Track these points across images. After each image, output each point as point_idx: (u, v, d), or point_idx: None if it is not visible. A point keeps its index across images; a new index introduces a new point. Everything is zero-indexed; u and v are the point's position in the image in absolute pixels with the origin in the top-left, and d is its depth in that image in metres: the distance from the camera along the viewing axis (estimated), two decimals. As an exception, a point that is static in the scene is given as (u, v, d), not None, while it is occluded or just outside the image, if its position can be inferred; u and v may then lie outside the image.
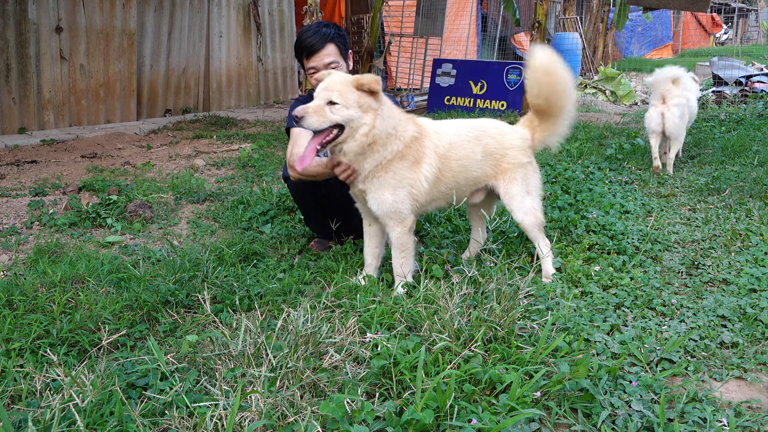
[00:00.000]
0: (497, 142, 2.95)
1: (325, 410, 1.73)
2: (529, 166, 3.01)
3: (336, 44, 3.12)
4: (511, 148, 2.97)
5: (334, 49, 3.11)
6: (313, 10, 7.53)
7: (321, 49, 3.08)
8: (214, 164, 5.95)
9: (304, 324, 2.12)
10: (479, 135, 2.92)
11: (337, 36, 3.13)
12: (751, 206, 4.06)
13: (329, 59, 3.09)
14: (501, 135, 2.98)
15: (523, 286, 2.50)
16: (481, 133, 2.94)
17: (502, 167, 2.96)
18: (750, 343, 2.38)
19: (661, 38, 23.61)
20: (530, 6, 16.01)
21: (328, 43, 3.09)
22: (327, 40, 3.08)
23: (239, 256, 3.26)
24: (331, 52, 3.10)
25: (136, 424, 1.71)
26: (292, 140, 3.12)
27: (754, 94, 9.58)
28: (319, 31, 3.09)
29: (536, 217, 3.00)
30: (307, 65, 3.14)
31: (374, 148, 2.62)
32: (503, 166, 2.96)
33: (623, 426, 1.84)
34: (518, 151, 2.98)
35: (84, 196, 4.52)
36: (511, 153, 2.96)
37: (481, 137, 2.92)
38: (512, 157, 2.96)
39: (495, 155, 2.94)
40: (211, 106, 10.33)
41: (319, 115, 2.52)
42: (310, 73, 3.13)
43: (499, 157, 2.95)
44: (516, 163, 2.97)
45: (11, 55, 7.66)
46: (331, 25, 3.16)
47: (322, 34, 3.08)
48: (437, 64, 9.94)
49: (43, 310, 2.54)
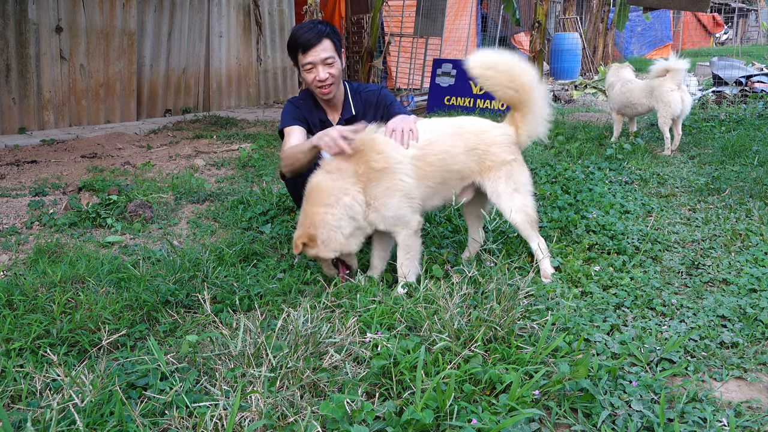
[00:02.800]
0: (478, 138, 2.94)
1: (325, 410, 1.73)
2: (514, 163, 2.98)
3: (331, 40, 3.12)
4: (493, 144, 2.95)
5: (330, 44, 3.11)
6: (313, 10, 7.53)
7: (317, 44, 3.08)
8: (214, 164, 5.95)
9: (304, 324, 2.12)
10: (458, 131, 2.93)
11: (332, 32, 3.14)
12: (751, 206, 4.06)
13: (326, 54, 3.09)
14: (481, 132, 2.97)
15: (523, 286, 2.50)
16: (460, 129, 2.95)
17: (486, 165, 2.95)
18: (750, 343, 2.38)
19: (661, 38, 23.60)
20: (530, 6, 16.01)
21: (324, 38, 3.09)
22: (323, 35, 3.09)
23: (239, 256, 3.26)
24: (328, 47, 3.10)
25: (136, 424, 1.71)
26: (286, 138, 3.16)
27: (754, 94, 9.57)
28: (315, 27, 3.10)
29: (527, 215, 2.98)
30: (303, 61, 3.12)
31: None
32: (487, 164, 2.95)
33: (623, 426, 1.84)
34: (501, 148, 2.96)
35: (84, 196, 4.52)
36: (494, 150, 2.95)
37: (461, 133, 2.92)
38: (495, 155, 2.95)
39: (477, 151, 2.93)
40: (211, 106, 10.33)
41: (327, 269, 2.88)
42: (307, 69, 3.12)
43: (482, 154, 2.94)
44: (500, 160, 2.95)
45: (11, 55, 7.66)
46: (325, 23, 3.18)
47: (317, 30, 3.09)
48: (437, 64, 9.94)
49: (43, 310, 2.54)
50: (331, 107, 3.31)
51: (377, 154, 2.72)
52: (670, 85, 6.00)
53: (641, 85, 6.38)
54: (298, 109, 3.27)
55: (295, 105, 3.29)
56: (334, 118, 3.32)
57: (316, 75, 3.11)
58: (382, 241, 2.97)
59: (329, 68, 3.12)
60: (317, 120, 3.28)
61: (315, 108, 3.30)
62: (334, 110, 3.32)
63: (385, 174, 2.72)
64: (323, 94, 3.19)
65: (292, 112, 3.25)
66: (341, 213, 2.67)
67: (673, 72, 5.99)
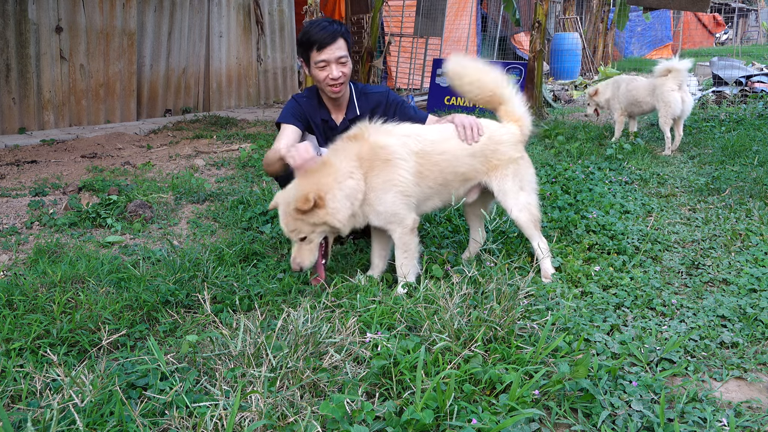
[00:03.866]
0: (487, 138, 2.95)
1: (325, 410, 1.73)
2: (520, 161, 3.01)
3: (345, 40, 3.15)
4: (500, 143, 2.97)
5: (344, 43, 3.13)
6: (313, 10, 7.53)
7: (332, 42, 3.09)
8: (214, 164, 5.95)
9: (304, 324, 2.12)
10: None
11: (346, 32, 3.18)
12: (751, 206, 4.06)
13: (341, 53, 3.10)
14: (489, 131, 2.98)
15: (523, 286, 2.50)
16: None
17: (492, 164, 2.96)
18: (750, 343, 2.38)
19: (661, 38, 23.61)
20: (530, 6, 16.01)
21: (339, 37, 3.11)
22: (338, 35, 3.11)
23: (239, 256, 3.26)
24: (342, 46, 3.12)
25: (136, 424, 1.71)
26: (279, 135, 3.15)
27: (754, 94, 9.57)
28: (330, 26, 3.12)
29: (531, 213, 2.99)
30: (317, 58, 3.11)
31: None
32: (494, 163, 2.96)
33: (623, 426, 1.84)
34: (508, 147, 2.98)
35: (84, 196, 4.51)
36: (501, 149, 2.97)
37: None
38: (502, 153, 2.97)
39: (485, 151, 2.94)
40: (211, 106, 10.33)
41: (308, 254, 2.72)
42: (321, 66, 3.11)
43: (489, 154, 2.95)
44: (507, 158, 2.97)
45: (11, 55, 7.66)
46: (339, 22, 3.20)
47: (332, 30, 3.10)
48: (437, 64, 9.94)
49: (43, 310, 2.54)
50: (336, 107, 3.30)
51: (380, 149, 2.74)
52: (671, 84, 6.09)
53: (645, 83, 6.42)
54: (301, 106, 3.25)
55: (298, 102, 3.27)
56: (338, 118, 3.30)
57: (329, 73, 3.11)
58: (381, 240, 2.97)
59: (342, 67, 3.13)
60: (319, 119, 3.26)
61: (319, 107, 3.28)
62: (338, 110, 3.31)
63: (387, 166, 2.73)
64: (333, 93, 3.18)
65: (293, 108, 3.24)
66: (348, 192, 2.69)
67: (675, 72, 6.03)
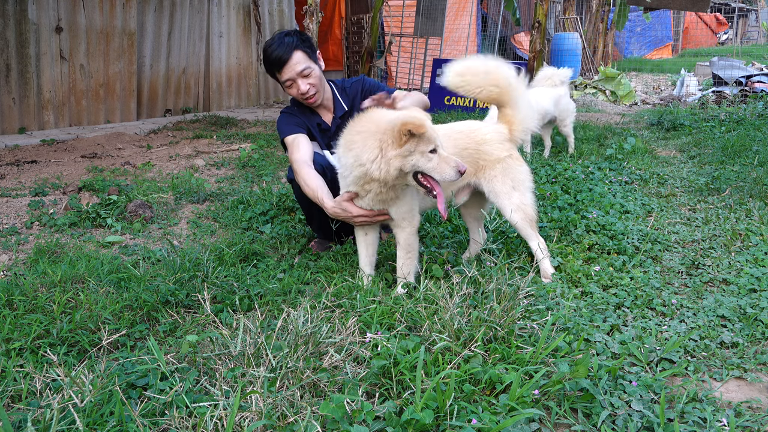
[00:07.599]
0: (467, 137, 2.93)
1: (325, 410, 1.73)
2: (509, 159, 2.97)
3: (302, 50, 3.13)
4: (483, 143, 2.94)
5: (302, 55, 3.12)
6: (313, 10, 7.52)
7: (289, 59, 3.10)
8: (214, 164, 5.95)
9: (304, 324, 2.12)
10: (447, 132, 2.91)
11: (301, 42, 3.14)
12: (751, 206, 4.06)
13: (300, 66, 3.11)
14: (471, 131, 2.96)
15: (523, 286, 2.49)
16: (450, 131, 2.94)
17: (479, 164, 2.95)
18: (750, 343, 2.38)
19: (661, 38, 23.62)
20: (530, 6, 16.02)
21: (294, 51, 3.10)
22: (292, 48, 3.10)
23: (239, 256, 3.27)
24: (300, 59, 3.12)
25: (136, 424, 1.71)
26: (292, 147, 3.14)
27: (754, 94, 9.58)
28: (283, 42, 3.11)
29: (526, 213, 2.95)
30: (282, 78, 3.16)
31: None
32: (480, 164, 2.95)
33: (623, 426, 1.84)
34: (493, 146, 2.95)
35: (84, 196, 4.51)
36: (485, 148, 2.94)
37: (450, 134, 2.91)
38: (487, 153, 2.94)
39: (468, 150, 2.91)
40: (211, 106, 10.33)
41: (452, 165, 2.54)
42: (288, 85, 3.16)
43: (474, 153, 2.92)
44: (493, 158, 2.94)
45: (11, 55, 7.66)
46: (293, 33, 3.18)
47: (285, 44, 3.10)
48: (437, 64, 9.93)
49: (43, 310, 2.54)
50: (323, 110, 3.36)
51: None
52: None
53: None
54: (294, 116, 3.29)
55: (290, 113, 3.31)
56: (328, 118, 3.36)
57: (297, 89, 3.15)
58: (369, 246, 2.89)
59: (307, 79, 3.15)
60: (315, 124, 3.32)
61: (310, 113, 3.34)
62: (326, 111, 3.37)
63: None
64: (310, 104, 3.25)
65: (289, 121, 3.27)
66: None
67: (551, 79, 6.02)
